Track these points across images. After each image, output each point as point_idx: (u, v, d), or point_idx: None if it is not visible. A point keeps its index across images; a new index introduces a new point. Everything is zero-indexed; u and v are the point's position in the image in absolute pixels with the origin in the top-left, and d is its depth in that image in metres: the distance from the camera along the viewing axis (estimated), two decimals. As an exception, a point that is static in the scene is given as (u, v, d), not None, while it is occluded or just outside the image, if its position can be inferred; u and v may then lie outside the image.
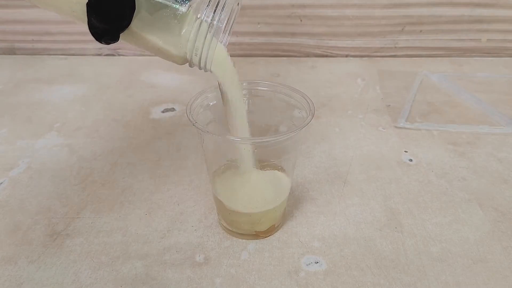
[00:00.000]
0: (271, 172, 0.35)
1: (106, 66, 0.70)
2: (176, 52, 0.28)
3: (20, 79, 0.66)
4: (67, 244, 0.35)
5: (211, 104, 0.35)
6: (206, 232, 0.36)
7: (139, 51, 0.74)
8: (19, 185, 0.42)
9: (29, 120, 0.54)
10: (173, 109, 0.56)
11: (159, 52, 0.28)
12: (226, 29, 0.30)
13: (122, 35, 0.26)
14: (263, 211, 0.34)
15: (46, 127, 0.52)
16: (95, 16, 0.25)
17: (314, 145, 0.48)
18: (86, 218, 0.38)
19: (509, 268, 0.33)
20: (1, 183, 0.42)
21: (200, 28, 0.27)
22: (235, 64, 0.32)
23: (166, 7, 0.27)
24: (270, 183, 0.35)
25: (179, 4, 0.27)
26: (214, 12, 0.27)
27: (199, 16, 0.27)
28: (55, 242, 0.35)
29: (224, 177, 0.35)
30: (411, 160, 0.46)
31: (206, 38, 0.28)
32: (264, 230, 0.35)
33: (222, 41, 0.30)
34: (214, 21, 0.27)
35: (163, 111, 0.56)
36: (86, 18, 0.25)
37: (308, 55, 0.74)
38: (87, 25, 0.25)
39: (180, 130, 0.52)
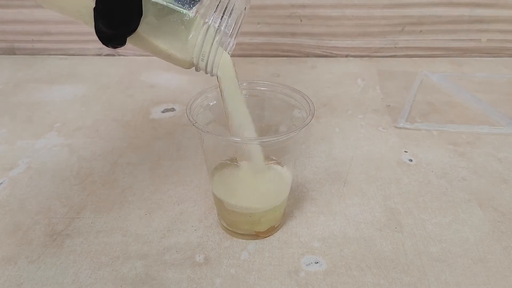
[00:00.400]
0: (271, 171, 0.35)
1: (106, 66, 0.70)
2: (182, 57, 0.28)
3: (20, 79, 0.66)
4: (67, 244, 0.35)
5: (211, 104, 0.35)
6: (206, 232, 0.36)
7: (139, 51, 0.74)
8: (19, 185, 0.42)
9: (29, 120, 0.54)
10: (173, 109, 0.56)
11: (165, 56, 0.28)
12: (233, 33, 0.30)
13: (129, 39, 0.26)
14: (263, 211, 0.34)
15: (46, 127, 0.52)
16: (102, 21, 0.24)
17: (314, 145, 0.48)
18: (86, 218, 0.38)
19: (509, 268, 0.33)
20: (1, 183, 0.42)
21: (208, 33, 0.27)
22: (235, 64, 0.33)
23: (173, 12, 0.26)
24: (270, 182, 0.35)
25: (187, 9, 0.27)
26: (222, 17, 0.27)
27: (206, 21, 0.27)
28: (55, 242, 0.35)
29: (224, 176, 0.35)
30: (411, 160, 0.46)
31: (213, 43, 0.27)
32: (264, 230, 0.35)
33: (230, 44, 0.30)
34: (222, 27, 0.27)
35: (163, 111, 0.56)
36: (93, 22, 0.24)
37: (308, 55, 0.74)
38: (94, 29, 0.25)
39: (180, 130, 0.52)
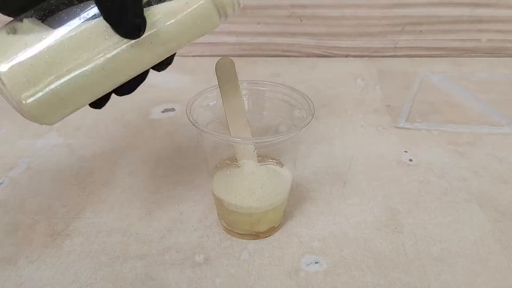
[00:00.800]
0: (271, 171, 0.35)
1: (106, 66, 0.70)
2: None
3: (20, 79, 0.65)
4: (67, 244, 0.35)
5: (211, 104, 0.35)
6: (206, 232, 0.36)
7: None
8: (19, 185, 0.42)
9: (29, 120, 0.54)
10: (173, 109, 0.56)
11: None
12: None
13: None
14: (263, 211, 0.34)
15: (46, 127, 0.52)
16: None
17: (314, 145, 0.48)
18: (86, 218, 0.38)
19: (509, 268, 0.33)
20: (1, 183, 0.42)
21: None
22: (235, 64, 0.33)
23: None
24: (270, 182, 0.35)
25: None
26: None
27: None
28: (55, 242, 0.35)
29: (224, 176, 0.35)
30: (411, 160, 0.46)
31: None
32: (264, 230, 0.35)
33: None
34: None
35: (163, 111, 0.56)
36: None
37: (308, 55, 0.74)
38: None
39: (180, 130, 0.52)
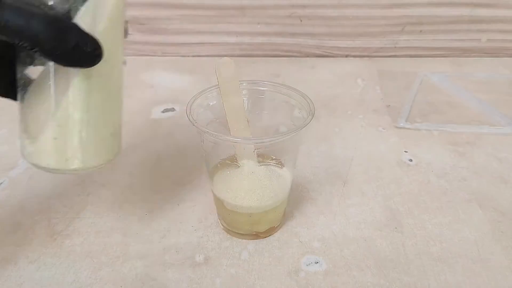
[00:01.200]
0: (271, 171, 0.35)
1: (106, 66, 0.70)
2: None
3: (20, 79, 0.65)
4: (67, 244, 0.35)
5: (211, 104, 0.35)
6: (206, 232, 0.36)
7: (139, 51, 0.74)
8: (19, 185, 0.42)
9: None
10: (173, 109, 0.56)
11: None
12: None
13: None
14: (263, 211, 0.34)
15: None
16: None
17: (314, 145, 0.48)
18: (86, 218, 0.38)
19: (509, 268, 0.33)
20: (1, 183, 0.42)
21: None
22: (236, 65, 0.32)
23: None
24: (270, 182, 0.35)
25: None
26: None
27: None
28: (55, 242, 0.35)
29: (224, 176, 0.35)
30: (411, 160, 0.46)
31: None
32: (264, 230, 0.35)
33: None
34: None
35: (163, 111, 0.56)
36: None
37: (308, 55, 0.74)
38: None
39: (180, 130, 0.52)
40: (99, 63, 0.25)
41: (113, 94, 0.28)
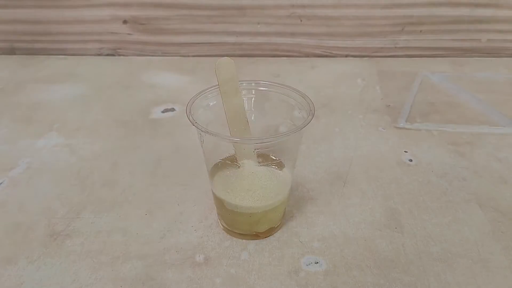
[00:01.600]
0: (271, 171, 0.35)
1: (106, 66, 0.70)
2: None
3: (20, 79, 0.66)
4: (67, 244, 0.35)
5: (211, 104, 0.35)
6: (206, 232, 0.36)
7: (139, 51, 0.74)
8: (19, 185, 0.42)
9: (29, 120, 0.54)
10: (173, 109, 0.56)
11: None
12: None
13: None
14: (263, 211, 0.34)
15: (46, 127, 0.52)
16: None
17: (314, 145, 0.48)
18: (86, 218, 0.38)
19: (509, 268, 0.33)
20: (1, 183, 0.42)
21: None
22: (235, 65, 0.32)
23: None
24: (270, 182, 0.35)
25: None
26: None
27: None
28: (55, 242, 0.35)
29: (224, 176, 0.35)
30: (411, 160, 0.46)
31: None
32: (264, 231, 0.35)
33: None
34: None
35: (163, 111, 0.56)
36: None
37: (308, 55, 0.74)
38: None
39: (180, 130, 0.52)
40: None
41: None
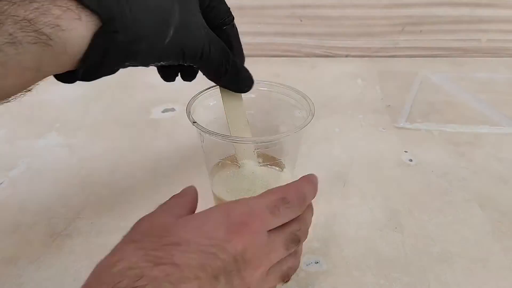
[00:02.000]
0: (271, 171, 0.35)
1: (106, 66, 0.70)
2: None
3: (20, 79, 0.65)
4: (67, 244, 0.35)
5: (211, 104, 0.35)
6: (206, 232, 0.36)
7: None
8: (19, 185, 0.42)
9: (29, 120, 0.54)
10: (173, 109, 0.56)
11: None
12: None
13: None
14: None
15: (46, 127, 0.52)
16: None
17: (314, 145, 0.48)
18: (86, 218, 0.38)
19: (509, 268, 0.33)
20: (1, 183, 0.42)
21: None
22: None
23: None
24: (270, 182, 0.35)
25: None
26: None
27: None
28: (55, 242, 0.35)
29: (223, 176, 0.35)
30: (411, 160, 0.46)
31: None
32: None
33: None
34: None
35: (163, 111, 0.56)
36: None
37: (308, 55, 0.74)
38: None
39: (180, 130, 0.52)
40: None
41: None
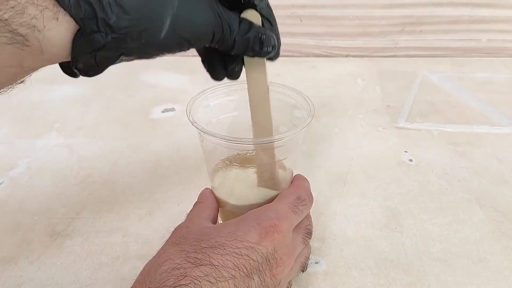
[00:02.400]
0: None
1: (106, 66, 0.70)
2: None
3: (20, 79, 0.66)
4: (67, 244, 0.35)
5: (211, 104, 0.35)
6: (206, 232, 0.36)
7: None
8: (19, 185, 0.42)
9: (29, 120, 0.54)
10: (173, 109, 0.56)
11: None
12: None
13: None
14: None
15: (46, 127, 0.52)
16: None
17: (314, 145, 0.48)
18: (86, 218, 0.38)
19: (509, 268, 0.33)
20: (1, 183, 0.42)
21: None
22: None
23: None
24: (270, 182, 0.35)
25: None
26: None
27: None
28: (55, 242, 0.35)
29: (223, 176, 0.35)
30: (411, 160, 0.46)
31: None
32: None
33: None
34: None
35: (163, 111, 0.56)
36: None
37: (308, 55, 0.74)
38: None
39: (180, 130, 0.52)
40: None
41: None
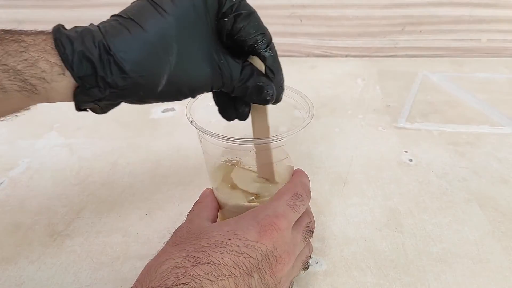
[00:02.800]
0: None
1: (106, 66, 0.70)
2: None
3: (20, 79, 0.66)
4: (67, 244, 0.35)
5: (211, 104, 0.35)
6: (206, 232, 0.36)
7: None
8: (19, 185, 0.42)
9: (29, 120, 0.54)
10: (173, 109, 0.56)
11: None
12: None
13: None
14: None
15: (46, 127, 0.52)
16: None
17: (314, 145, 0.48)
18: (86, 218, 0.38)
19: (509, 268, 0.33)
20: (1, 183, 0.42)
21: None
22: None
23: None
24: (270, 182, 0.35)
25: None
26: None
27: None
28: (55, 242, 0.35)
29: (223, 176, 0.35)
30: (411, 160, 0.46)
31: None
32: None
33: None
34: None
35: (163, 111, 0.56)
36: None
37: (308, 55, 0.74)
38: None
39: (180, 130, 0.52)
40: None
41: None
